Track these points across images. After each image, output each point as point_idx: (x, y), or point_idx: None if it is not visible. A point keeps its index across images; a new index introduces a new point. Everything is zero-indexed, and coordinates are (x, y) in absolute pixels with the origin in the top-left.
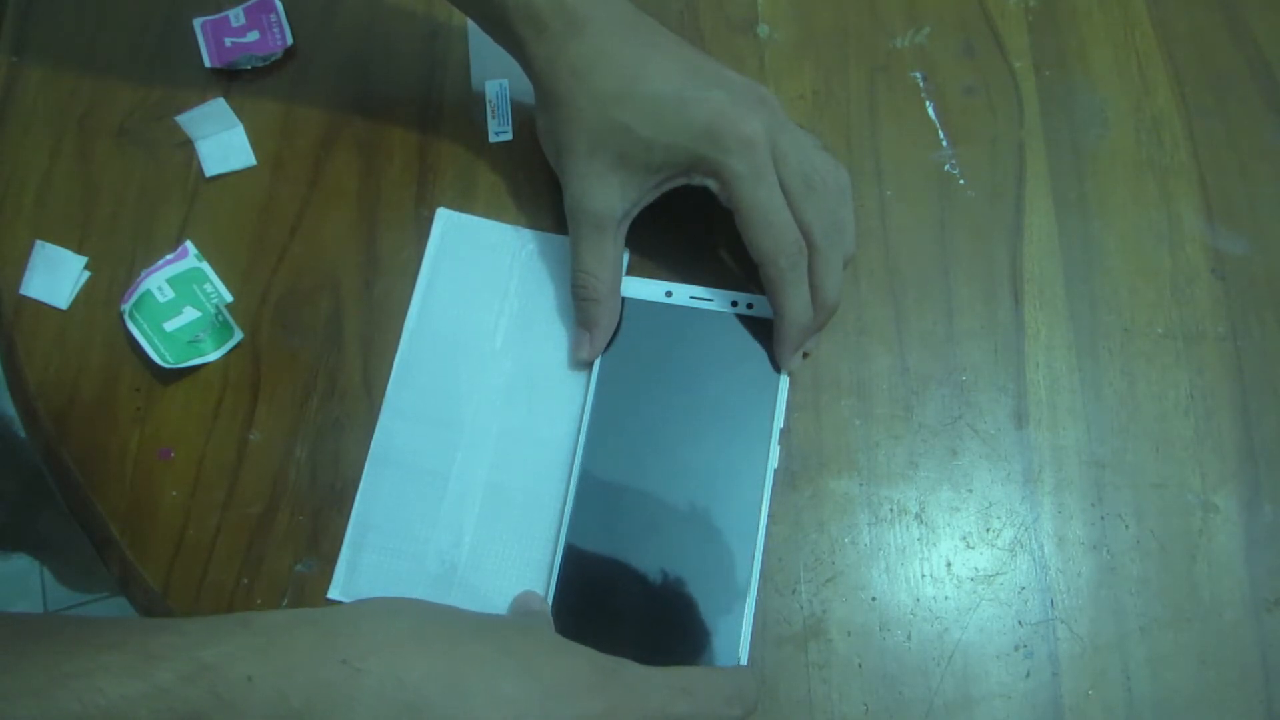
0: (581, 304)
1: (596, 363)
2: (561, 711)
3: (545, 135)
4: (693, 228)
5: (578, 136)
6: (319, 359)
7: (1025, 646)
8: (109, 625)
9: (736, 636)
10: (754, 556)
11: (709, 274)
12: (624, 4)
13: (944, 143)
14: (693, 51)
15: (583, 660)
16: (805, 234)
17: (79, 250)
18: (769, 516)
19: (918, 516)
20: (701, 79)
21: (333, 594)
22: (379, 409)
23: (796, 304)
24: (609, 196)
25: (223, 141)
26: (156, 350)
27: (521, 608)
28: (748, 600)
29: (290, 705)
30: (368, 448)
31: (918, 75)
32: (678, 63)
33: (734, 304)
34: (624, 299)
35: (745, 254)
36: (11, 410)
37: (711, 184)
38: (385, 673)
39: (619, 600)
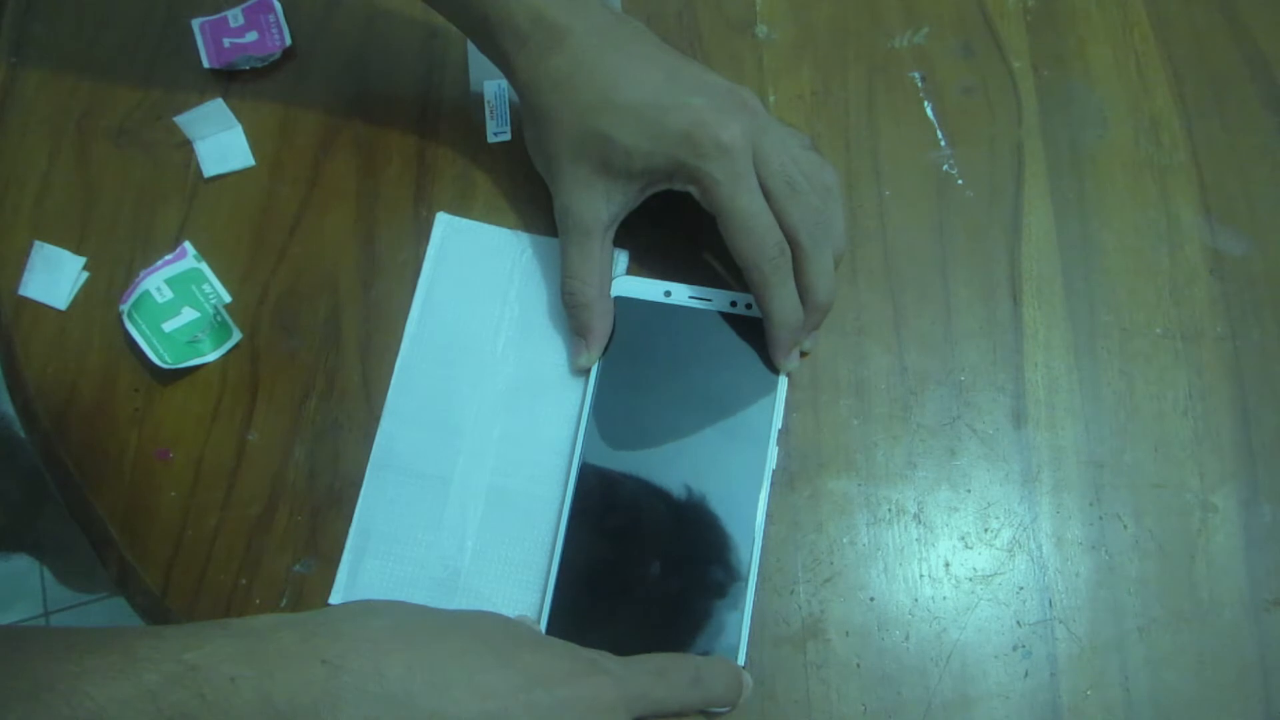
0: (572, 310)
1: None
2: (543, 699)
3: (532, 145)
4: (691, 228)
5: (561, 146)
6: (317, 359)
7: (1023, 647)
8: (93, 632)
9: (735, 637)
10: (752, 557)
11: (708, 274)
12: (605, 13)
13: (942, 143)
14: (675, 57)
15: (562, 651)
16: (790, 236)
17: (78, 251)
18: (767, 517)
19: (916, 517)
20: (681, 86)
21: (334, 599)
22: (377, 409)
23: (783, 306)
24: (594, 203)
25: (221, 142)
26: (155, 351)
27: None
28: (746, 600)
29: (274, 706)
30: (366, 448)
31: (916, 75)
32: (658, 70)
33: (733, 304)
34: (623, 299)
35: None
36: (11, 410)
37: (693, 190)
38: (366, 670)
39: (617, 601)
